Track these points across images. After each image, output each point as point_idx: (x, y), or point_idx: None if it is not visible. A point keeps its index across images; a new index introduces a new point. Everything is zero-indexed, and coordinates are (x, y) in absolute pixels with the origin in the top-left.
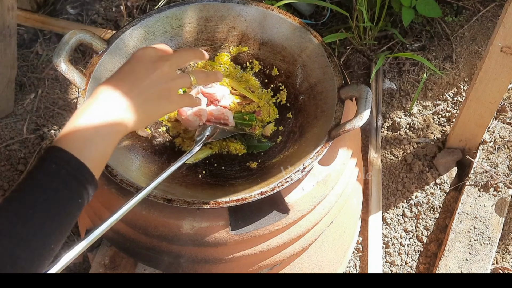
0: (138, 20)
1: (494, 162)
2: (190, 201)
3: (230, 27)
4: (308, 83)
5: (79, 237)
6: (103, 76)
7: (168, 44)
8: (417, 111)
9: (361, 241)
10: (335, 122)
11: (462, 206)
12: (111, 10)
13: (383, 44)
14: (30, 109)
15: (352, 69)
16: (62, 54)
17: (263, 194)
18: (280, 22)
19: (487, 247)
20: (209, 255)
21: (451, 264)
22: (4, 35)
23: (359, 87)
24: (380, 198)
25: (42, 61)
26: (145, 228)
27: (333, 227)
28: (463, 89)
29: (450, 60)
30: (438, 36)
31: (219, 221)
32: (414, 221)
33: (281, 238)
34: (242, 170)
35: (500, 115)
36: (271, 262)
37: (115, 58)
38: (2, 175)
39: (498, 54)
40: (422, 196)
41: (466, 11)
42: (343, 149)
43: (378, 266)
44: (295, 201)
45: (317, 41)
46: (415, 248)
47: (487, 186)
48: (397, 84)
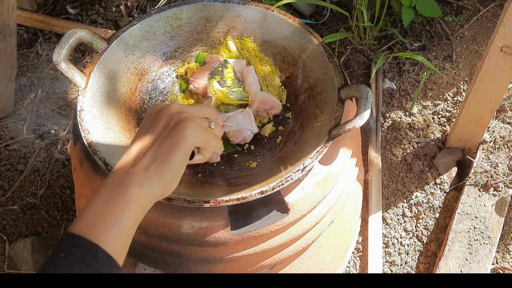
0: (138, 20)
1: (494, 162)
2: (190, 200)
3: (230, 27)
4: (308, 83)
5: None
6: (103, 75)
7: (168, 44)
8: (417, 111)
9: (361, 241)
10: (335, 122)
11: (462, 206)
12: (111, 10)
13: (383, 44)
14: (30, 109)
15: (352, 69)
16: (62, 53)
17: (263, 193)
18: (280, 23)
19: (487, 247)
20: (209, 255)
21: (451, 264)
22: (4, 35)
23: (359, 87)
24: (380, 198)
25: (42, 61)
26: (145, 228)
27: (333, 227)
28: (463, 89)
29: (450, 60)
30: (438, 36)
31: (219, 221)
32: (414, 221)
33: (281, 238)
34: (242, 169)
35: (500, 115)
36: (271, 262)
37: (115, 58)
38: (2, 175)
39: (498, 54)
40: (422, 196)
41: (466, 11)
42: (343, 149)
43: (378, 266)
44: (295, 201)
45: (317, 42)
46: (415, 248)
47: (487, 186)
48: (397, 84)
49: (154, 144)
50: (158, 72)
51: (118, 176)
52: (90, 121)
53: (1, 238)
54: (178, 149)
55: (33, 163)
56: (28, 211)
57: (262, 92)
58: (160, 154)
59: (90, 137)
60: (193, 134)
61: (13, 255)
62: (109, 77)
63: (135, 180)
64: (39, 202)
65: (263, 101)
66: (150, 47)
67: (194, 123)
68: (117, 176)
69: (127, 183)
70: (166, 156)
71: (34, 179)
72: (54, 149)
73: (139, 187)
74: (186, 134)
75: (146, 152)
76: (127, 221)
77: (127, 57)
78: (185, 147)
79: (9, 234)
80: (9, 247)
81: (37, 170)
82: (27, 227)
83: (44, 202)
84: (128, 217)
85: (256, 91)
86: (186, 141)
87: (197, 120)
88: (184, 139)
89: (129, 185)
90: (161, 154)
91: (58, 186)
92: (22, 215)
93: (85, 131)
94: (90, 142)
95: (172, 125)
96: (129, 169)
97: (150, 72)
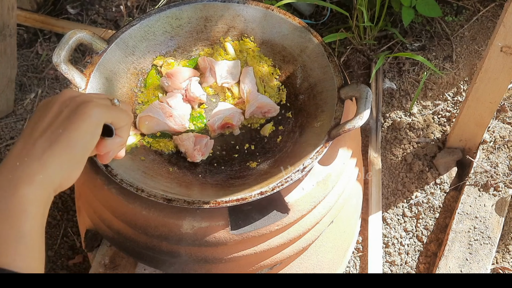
0: (138, 20)
1: (494, 162)
2: (190, 201)
3: (230, 27)
4: (308, 83)
5: (79, 237)
6: (102, 76)
7: (168, 43)
8: (417, 111)
9: (361, 241)
10: (335, 122)
11: (462, 206)
12: (111, 10)
13: (383, 44)
14: (30, 109)
15: (352, 69)
16: (62, 54)
17: (263, 194)
18: (280, 22)
19: (487, 247)
20: (209, 255)
21: (451, 264)
22: (4, 35)
23: (359, 87)
24: (380, 198)
25: (42, 61)
26: (145, 228)
27: (333, 227)
28: (463, 89)
29: (450, 60)
30: (438, 36)
31: (219, 221)
32: (414, 221)
33: (281, 238)
34: (242, 170)
35: (500, 115)
36: (271, 262)
37: (115, 58)
38: None
39: (498, 54)
40: (422, 196)
41: (466, 11)
42: (343, 149)
43: (378, 266)
44: (295, 201)
45: (317, 41)
46: (415, 248)
47: (487, 186)
48: (397, 84)
49: (47, 132)
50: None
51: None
52: None
53: None
54: (79, 127)
55: None
56: None
57: (260, 95)
58: (57, 138)
59: None
60: (97, 111)
61: None
62: (109, 77)
63: (24, 175)
64: None
65: (261, 105)
66: (150, 47)
67: (94, 102)
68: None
69: (15, 182)
70: (65, 138)
71: None
72: None
73: (29, 184)
74: (88, 112)
75: (36, 138)
76: (28, 229)
77: (127, 57)
78: (89, 124)
79: None
80: None
81: None
82: None
83: None
84: (29, 223)
85: (254, 94)
86: (89, 117)
87: (97, 99)
88: (87, 116)
89: (17, 184)
90: (58, 137)
91: None
92: None
93: None
94: None
95: (69, 110)
96: (16, 162)
97: None
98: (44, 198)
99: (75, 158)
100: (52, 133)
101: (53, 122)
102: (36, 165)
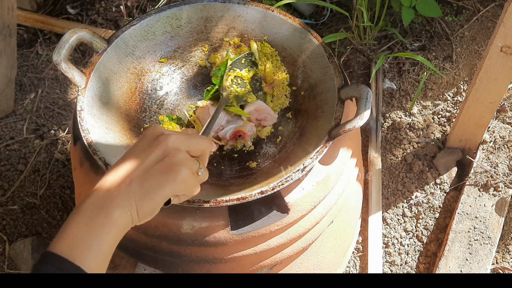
0: (138, 19)
1: (494, 162)
2: (190, 200)
3: (230, 28)
4: (308, 84)
5: None
6: (102, 75)
7: (168, 44)
8: (417, 111)
9: (361, 241)
10: (335, 122)
11: (462, 206)
12: (111, 10)
13: (383, 44)
14: (30, 109)
15: (352, 69)
16: (62, 52)
17: (263, 193)
18: (280, 23)
19: (487, 247)
20: (209, 255)
21: (451, 264)
22: (4, 35)
23: (359, 87)
24: (380, 198)
25: (42, 61)
26: (145, 228)
27: (333, 227)
28: (463, 89)
29: (450, 60)
30: (438, 36)
31: (219, 221)
32: (414, 221)
33: (281, 238)
34: (242, 169)
35: (500, 115)
36: (271, 262)
37: (115, 57)
38: (2, 175)
39: (498, 54)
40: (422, 196)
41: (466, 11)
42: (343, 149)
43: (378, 266)
44: (295, 201)
45: (317, 42)
46: (415, 248)
47: (487, 186)
48: (397, 84)
49: (144, 174)
50: (158, 72)
51: (101, 197)
52: (90, 121)
53: (1, 238)
54: (165, 189)
55: (33, 163)
56: (28, 211)
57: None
58: (147, 188)
59: (90, 137)
60: (183, 181)
61: (13, 255)
62: (109, 77)
63: (119, 203)
64: (39, 202)
65: (258, 108)
66: (150, 47)
67: (186, 169)
68: (101, 196)
69: (111, 207)
70: (152, 192)
71: (34, 179)
72: (54, 149)
73: (122, 211)
74: (177, 179)
75: (133, 178)
76: (107, 245)
77: (127, 57)
78: (171, 190)
79: (9, 234)
80: (9, 247)
81: (37, 170)
82: (27, 227)
83: (44, 202)
84: (109, 241)
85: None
86: (174, 185)
87: (190, 164)
88: (173, 182)
89: (113, 209)
90: (148, 188)
91: (58, 186)
92: (22, 215)
93: (85, 131)
94: (90, 142)
95: (167, 163)
96: (114, 192)
97: (150, 72)
98: (126, 227)
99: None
100: (147, 179)
101: (150, 168)
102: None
